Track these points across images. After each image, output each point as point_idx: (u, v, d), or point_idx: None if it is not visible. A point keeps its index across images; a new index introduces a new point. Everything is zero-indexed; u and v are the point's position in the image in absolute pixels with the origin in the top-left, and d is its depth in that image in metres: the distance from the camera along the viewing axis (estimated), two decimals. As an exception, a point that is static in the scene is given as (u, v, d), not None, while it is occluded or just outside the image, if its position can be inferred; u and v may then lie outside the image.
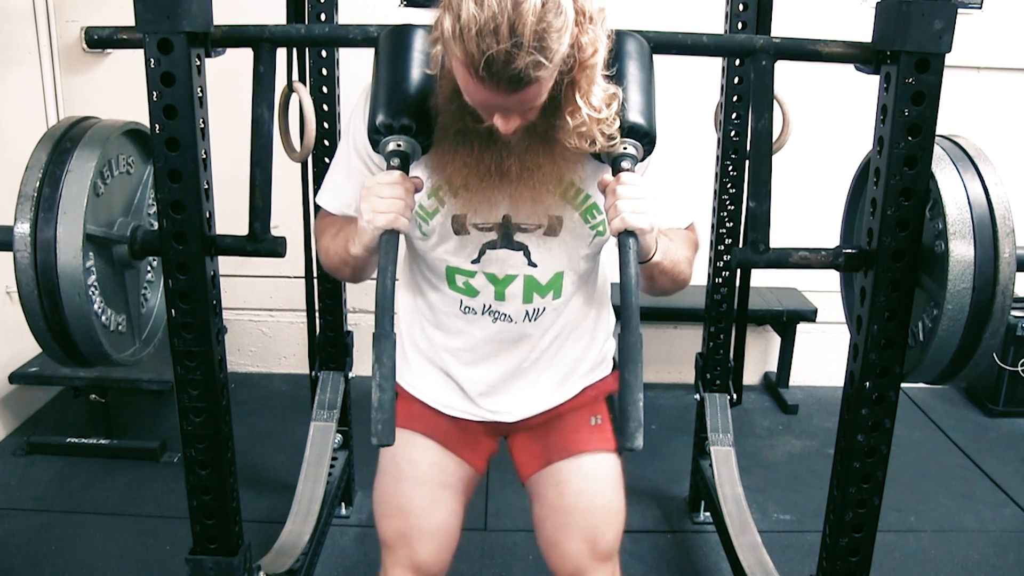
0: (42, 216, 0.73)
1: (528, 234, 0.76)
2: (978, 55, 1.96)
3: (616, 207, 0.66)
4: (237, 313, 2.15)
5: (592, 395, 0.88)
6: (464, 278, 0.79)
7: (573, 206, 0.75)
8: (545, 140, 0.69)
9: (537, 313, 0.80)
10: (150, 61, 0.79)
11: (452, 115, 0.69)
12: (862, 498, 0.90)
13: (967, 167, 0.76)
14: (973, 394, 2.15)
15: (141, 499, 1.58)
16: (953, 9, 0.74)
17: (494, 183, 0.71)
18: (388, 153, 0.70)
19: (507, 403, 0.85)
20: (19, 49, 1.84)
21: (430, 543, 0.85)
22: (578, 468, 0.85)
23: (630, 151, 0.68)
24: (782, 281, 2.15)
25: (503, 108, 0.64)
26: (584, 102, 0.65)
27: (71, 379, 1.70)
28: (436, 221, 0.76)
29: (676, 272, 0.77)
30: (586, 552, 0.84)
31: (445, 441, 0.87)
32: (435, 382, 0.87)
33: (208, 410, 0.91)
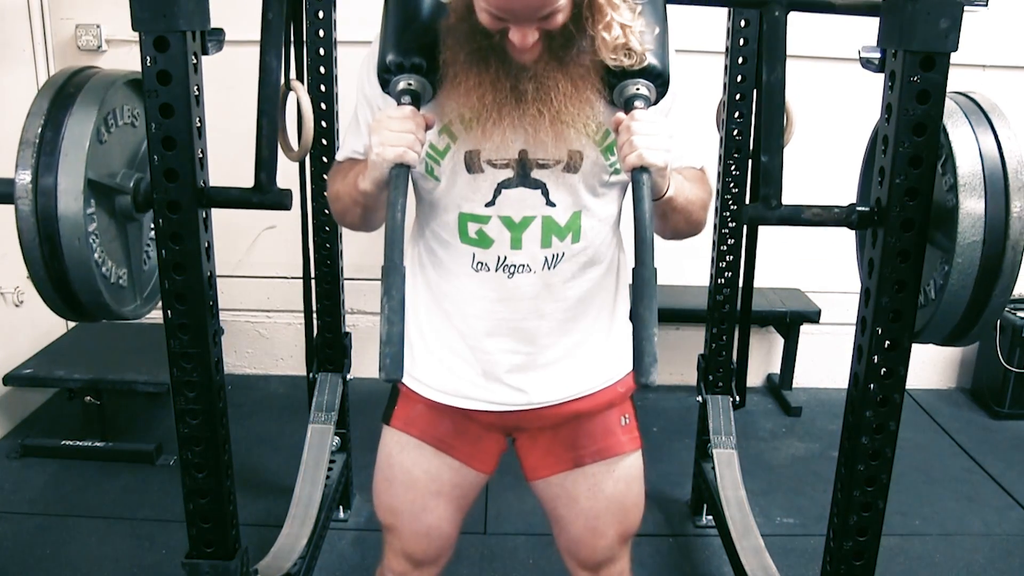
0: (43, 160, 0.72)
1: (546, 170, 0.72)
2: (984, 53, 1.95)
3: (631, 143, 0.65)
4: (234, 314, 2.14)
5: (621, 392, 0.85)
6: (477, 225, 0.74)
7: (593, 141, 0.72)
8: (562, 61, 0.67)
9: (556, 259, 0.75)
10: (146, 59, 0.78)
11: (464, 36, 0.67)
12: (866, 501, 0.89)
13: (980, 121, 0.75)
14: (978, 396, 2.14)
15: (137, 502, 1.57)
16: (959, 8, 0.74)
17: (508, 110, 0.68)
18: (399, 91, 0.68)
19: (529, 380, 0.80)
20: (13, 47, 1.84)
21: (419, 540, 0.87)
22: (612, 471, 0.85)
23: (643, 91, 0.67)
24: (785, 282, 2.14)
25: (519, 15, 0.62)
26: (616, 11, 0.65)
27: (66, 381, 1.70)
28: (447, 161, 0.73)
29: (689, 211, 0.75)
30: (615, 542, 0.87)
31: (444, 445, 0.85)
32: (444, 371, 0.82)
33: (205, 412, 0.90)
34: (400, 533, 0.87)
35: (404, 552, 0.88)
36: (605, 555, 0.88)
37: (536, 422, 0.84)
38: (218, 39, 0.85)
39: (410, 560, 0.88)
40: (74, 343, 1.91)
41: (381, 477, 0.89)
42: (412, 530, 0.86)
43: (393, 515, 0.88)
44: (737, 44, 1.31)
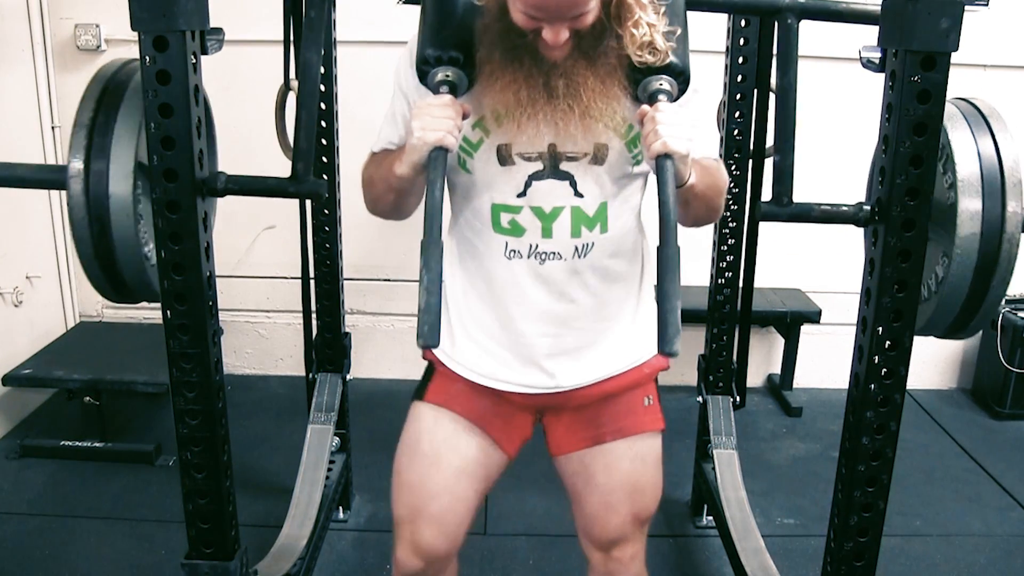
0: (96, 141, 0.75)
1: (574, 163, 0.77)
2: (985, 53, 1.95)
3: (655, 132, 0.69)
4: (233, 314, 2.14)
5: (647, 373, 0.89)
6: (510, 215, 0.79)
7: (618, 135, 0.77)
8: (591, 60, 0.72)
9: (586, 249, 0.80)
10: (145, 59, 0.78)
11: (499, 35, 0.71)
12: (867, 502, 0.89)
13: (980, 124, 0.80)
14: (979, 397, 2.13)
15: (136, 503, 1.57)
16: (960, 8, 0.74)
17: (540, 106, 0.72)
18: (436, 83, 0.73)
19: (565, 363, 0.84)
20: (12, 47, 1.83)
21: (434, 527, 0.87)
22: (630, 449, 0.88)
23: (665, 87, 0.72)
24: (786, 282, 2.14)
25: (553, 14, 0.67)
26: (643, 11, 0.70)
27: (65, 381, 1.69)
28: (482, 153, 0.78)
29: (709, 198, 0.79)
30: (629, 523, 0.89)
31: (479, 422, 0.87)
32: (486, 358, 0.85)
33: (204, 413, 0.90)
34: (413, 518, 0.87)
35: (414, 543, 0.87)
36: (618, 533, 0.89)
37: (565, 402, 0.87)
38: (217, 39, 0.85)
39: (418, 553, 0.87)
40: (73, 343, 1.91)
41: (406, 453, 0.89)
42: (430, 514, 0.86)
43: (413, 494, 0.87)
44: (737, 44, 1.31)
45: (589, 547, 0.93)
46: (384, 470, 1.80)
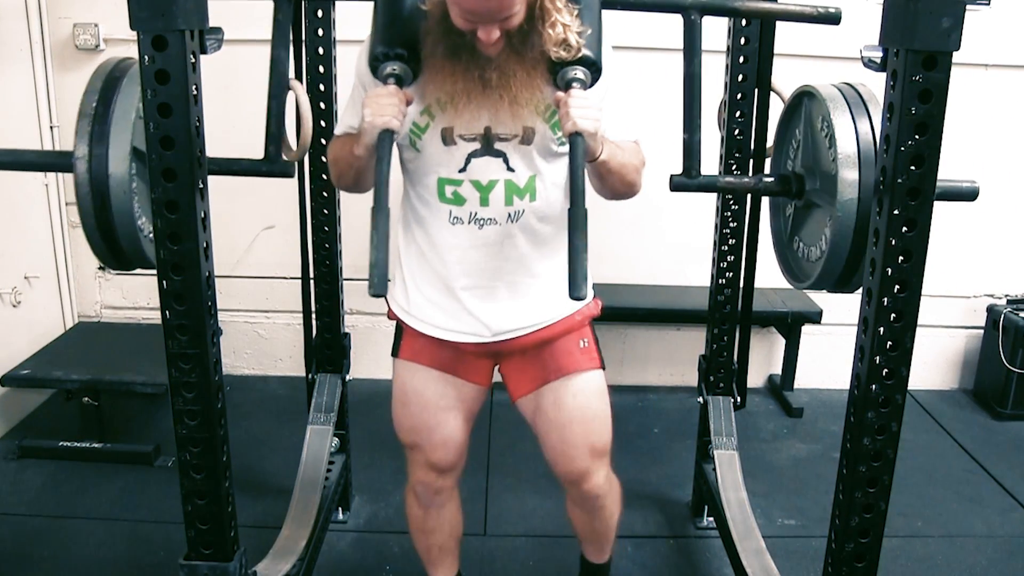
0: (97, 128, 0.87)
1: (506, 143, 0.90)
2: (986, 52, 1.95)
3: (568, 114, 0.81)
4: (232, 315, 2.13)
5: (579, 320, 1.02)
6: (453, 187, 0.92)
7: (543, 119, 0.89)
8: (519, 54, 0.84)
9: (517, 215, 0.93)
10: (144, 59, 0.78)
11: (441, 35, 0.84)
12: (868, 503, 0.88)
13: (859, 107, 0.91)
14: (981, 397, 2.13)
15: (135, 504, 1.57)
16: (961, 7, 0.73)
17: (477, 94, 0.85)
18: (385, 75, 0.85)
19: (501, 314, 0.97)
20: (11, 46, 1.83)
21: (439, 451, 1.05)
22: (571, 386, 1.01)
23: (579, 75, 0.84)
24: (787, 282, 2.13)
25: (485, 17, 0.80)
26: (559, 14, 0.83)
27: (64, 382, 1.69)
28: (428, 135, 0.90)
29: (623, 174, 0.92)
30: (587, 454, 1.03)
31: (447, 368, 1.02)
32: (436, 311, 0.98)
33: (203, 413, 0.90)
34: (423, 448, 1.04)
35: (428, 463, 1.05)
36: (580, 467, 1.03)
37: (511, 349, 1.01)
38: (217, 38, 0.84)
39: (435, 469, 1.06)
40: (72, 344, 1.91)
41: (399, 404, 1.05)
42: (432, 443, 1.04)
43: (415, 433, 1.04)
44: (738, 44, 1.30)
45: (564, 483, 1.08)
46: (384, 471, 1.80)
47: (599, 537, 1.18)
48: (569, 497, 1.12)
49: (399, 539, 1.48)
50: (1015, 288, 2.18)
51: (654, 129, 1.23)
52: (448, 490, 1.10)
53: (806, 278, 1.02)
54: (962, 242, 2.09)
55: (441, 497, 1.10)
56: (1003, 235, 2.14)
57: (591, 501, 1.08)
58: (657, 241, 2.10)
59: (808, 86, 1.01)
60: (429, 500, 1.10)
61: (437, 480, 1.07)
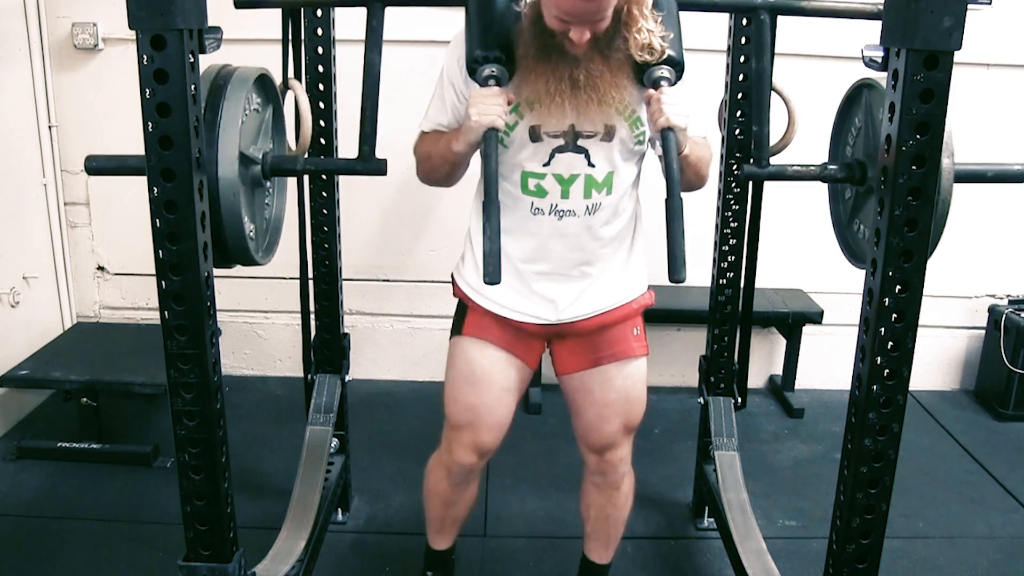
0: (207, 134, 0.89)
1: (589, 140, 0.97)
2: (988, 52, 1.94)
3: (661, 110, 0.89)
4: (231, 315, 2.13)
5: (635, 308, 1.09)
6: (536, 180, 0.99)
7: (623, 117, 0.96)
8: (606, 56, 0.91)
9: (596, 208, 1.00)
10: (143, 58, 0.77)
11: (534, 36, 0.91)
12: (869, 504, 0.88)
13: None
14: (982, 398, 2.13)
15: (133, 504, 1.56)
16: (963, 6, 0.73)
17: (565, 94, 0.92)
18: (484, 77, 0.91)
19: (569, 298, 1.04)
20: (10, 45, 1.83)
21: (491, 432, 1.09)
22: (621, 369, 1.09)
23: (666, 74, 0.91)
24: (788, 282, 2.13)
25: (580, 18, 0.86)
26: (645, 20, 0.89)
27: (62, 382, 1.69)
28: (517, 132, 0.97)
29: (699, 167, 1.00)
30: (620, 430, 1.11)
31: (509, 347, 1.08)
32: (507, 292, 1.04)
33: (202, 414, 0.89)
34: (476, 427, 1.08)
35: (475, 444, 1.09)
36: (610, 440, 1.11)
37: (569, 331, 1.08)
38: (216, 37, 0.84)
39: (478, 451, 1.10)
40: (70, 344, 1.91)
41: (462, 380, 1.09)
42: (487, 423, 1.08)
43: (473, 412, 1.08)
44: (739, 43, 1.30)
45: (586, 451, 1.14)
46: (383, 472, 1.79)
47: (608, 528, 1.20)
48: (587, 478, 1.17)
49: (399, 540, 1.47)
50: (1016, 288, 2.17)
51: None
52: (479, 470, 1.15)
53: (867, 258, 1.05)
54: (963, 242, 2.08)
55: (472, 475, 1.15)
56: (1004, 235, 2.13)
57: (610, 474, 1.13)
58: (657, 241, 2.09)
59: (868, 79, 1.04)
60: (462, 479, 1.14)
61: (477, 462, 1.11)
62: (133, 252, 2.10)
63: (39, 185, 1.96)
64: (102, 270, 2.14)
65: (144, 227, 0.85)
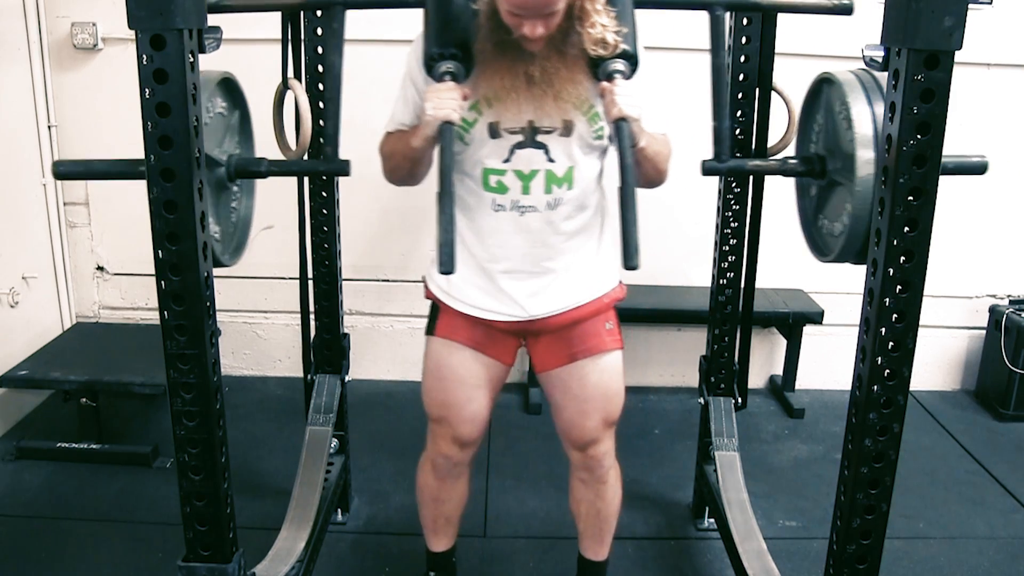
0: None
1: (548, 135, 0.97)
2: (988, 51, 1.94)
3: (613, 101, 0.88)
4: (231, 315, 2.13)
5: (607, 303, 1.09)
6: (497, 177, 0.99)
7: (582, 112, 0.96)
8: (561, 52, 0.91)
9: (556, 203, 1.00)
10: (142, 58, 0.77)
11: (491, 33, 0.91)
12: (870, 504, 0.88)
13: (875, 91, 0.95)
14: (983, 398, 2.13)
15: (133, 505, 1.56)
16: (964, 5, 0.73)
17: (522, 90, 0.93)
18: (440, 73, 0.91)
19: (535, 296, 1.04)
20: (9, 45, 1.83)
21: (466, 425, 1.11)
22: (596, 364, 1.09)
23: (620, 67, 0.91)
24: (788, 282, 2.13)
25: (531, 11, 0.86)
26: (598, 15, 0.89)
27: (61, 382, 1.68)
28: (476, 129, 0.97)
29: (657, 160, 1.00)
30: (600, 425, 1.11)
31: (480, 347, 1.09)
32: (475, 291, 1.05)
33: (201, 414, 0.89)
34: (451, 422, 1.11)
35: (453, 437, 1.12)
36: (592, 435, 1.11)
37: (541, 328, 1.08)
38: (215, 37, 0.84)
39: (458, 443, 1.12)
40: (70, 344, 1.90)
41: (433, 379, 1.11)
42: (461, 418, 1.10)
43: (446, 408, 1.11)
44: (739, 43, 1.30)
45: (569, 448, 1.15)
46: (383, 472, 1.79)
47: (600, 523, 1.20)
48: (574, 475, 1.17)
49: (399, 541, 1.47)
50: (1017, 288, 2.17)
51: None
52: (465, 464, 1.16)
53: (830, 252, 1.06)
54: (964, 242, 2.08)
55: (458, 469, 1.16)
56: (1005, 235, 2.13)
57: (596, 470, 1.14)
58: (658, 241, 2.09)
59: (827, 73, 1.03)
60: (447, 472, 1.16)
61: (459, 454, 1.13)
62: (133, 252, 2.10)
63: (38, 185, 1.96)
64: (102, 270, 2.14)
65: (144, 227, 0.85)
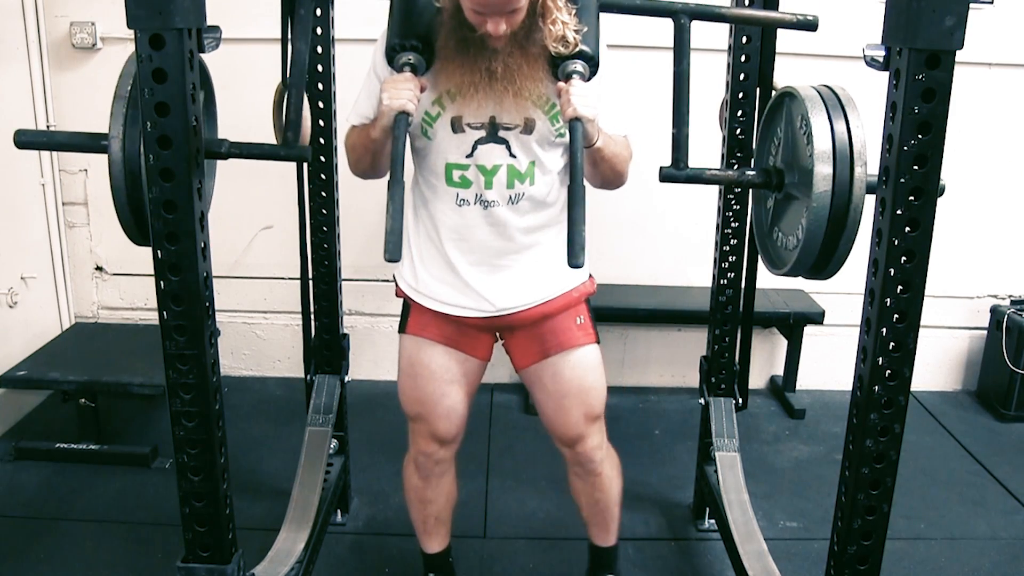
0: (131, 112, 0.89)
1: (509, 131, 0.98)
2: (989, 51, 1.94)
3: (569, 101, 0.89)
4: (230, 315, 2.13)
5: (576, 297, 1.09)
6: (460, 172, 1.00)
7: (543, 111, 0.97)
8: (523, 49, 0.92)
9: (518, 198, 1.01)
10: (141, 57, 0.77)
11: (454, 29, 0.91)
12: (871, 505, 0.88)
13: (836, 107, 0.96)
14: (984, 398, 2.12)
15: (132, 506, 1.56)
16: (965, 5, 0.73)
17: (484, 85, 0.93)
18: (400, 64, 0.92)
19: (501, 290, 1.04)
20: (8, 44, 1.83)
21: (442, 422, 1.12)
22: (569, 359, 1.09)
23: (578, 68, 0.92)
24: (789, 283, 2.12)
25: (493, 9, 0.87)
26: (559, 12, 0.90)
27: (60, 383, 1.68)
28: (439, 124, 0.98)
29: (614, 163, 1.00)
30: (582, 421, 1.11)
31: (451, 342, 1.09)
32: (442, 287, 1.06)
33: (201, 415, 0.89)
34: (427, 418, 1.11)
35: (431, 434, 1.12)
36: (575, 431, 1.11)
37: (511, 323, 1.08)
38: (215, 37, 0.84)
39: (436, 439, 1.12)
40: (69, 345, 1.90)
41: (405, 376, 1.12)
42: (436, 414, 1.11)
43: (420, 405, 1.11)
44: (740, 42, 1.30)
45: (559, 445, 1.15)
46: (383, 473, 1.79)
47: (602, 511, 1.21)
48: (569, 469, 1.18)
49: (398, 541, 1.47)
50: (1019, 288, 2.17)
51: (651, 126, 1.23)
52: (447, 461, 1.16)
53: (783, 264, 1.07)
54: (965, 242, 2.08)
55: (441, 467, 1.16)
56: (1007, 235, 2.13)
57: (587, 464, 1.14)
58: (658, 241, 2.09)
59: (789, 87, 1.04)
60: (429, 470, 1.16)
61: (439, 451, 1.13)
62: (132, 252, 2.08)
63: (37, 185, 1.95)
64: (100, 270, 2.13)
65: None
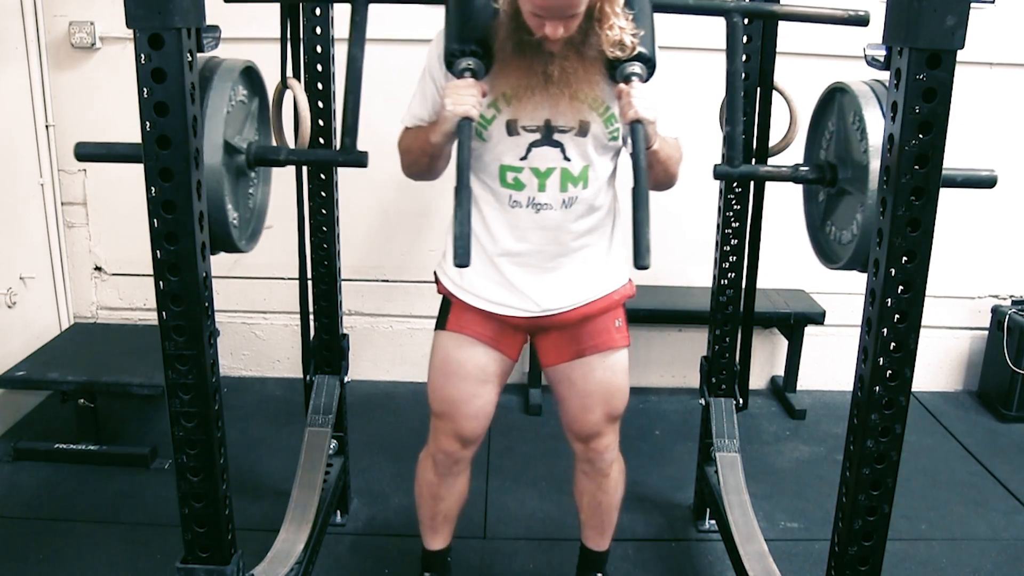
0: None
1: (564, 134, 0.99)
2: (991, 51, 1.94)
3: (630, 103, 0.91)
4: (230, 315, 2.12)
5: (616, 300, 1.11)
6: (513, 174, 1.01)
7: (598, 113, 0.98)
8: (579, 53, 0.94)
9: (571, 201, 1.02)
10: (140, 57, 0.77)
11: (511, 32, 0.93)
12: (872, 505, 0.88)
13: None
14: (985, 399, 2.12)
15: (131, 506, 1.56)
16: (966, 5, 0.73)
17: (540, 88, 0.94)
18: (460, 69, 0.93)
19: (548, 291, 1.06)
20: (7, 44, 1.82)
21: (470, 422, 1.12)
22: (603, 360, 1.11)
23: (637, 70, 0.93)
24: (790, 283, 2.12)
25: (553, 12, 0.88)
26: (616, 18, 0.92)
27: (59, 383, 1.68)
28: (494, 126, 0.99)
29: (668, 164, 1.02)
30: (603, 419, 1.13)
31: (491, 342, 1.10)
32: (489, 285, 1.07)
33: (200, 415, 0.89)
34: (453, 417, 1.11)
35: (455, 433, 1.12)
36: (594, 429, 1.13)
37: (551, 324, 1.09)
38: (214, 36, 0.84)
39: (459, 439, 1.13)
40: (68, 345, 1.90)
41: (438, 373, 1.12)
42: (464, 413, 1.11)
43: (449, 404, 1.11)
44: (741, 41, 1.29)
45: (573, 440, 1.17)
46: (383, 473, 1.79)
47: (602, 514, 1.22)
48: (577, 467, 1.19)
49: (398, 542, 1.47)
50: (1020, 289, 2.17)
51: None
52: (465, 461, 1.16)
53: (838, 259, 1.07)
54: (966, 242, 2.08)
55: (459, 467, 1.16)
56: (1008, 235, 2.13)
57: (597, 462, 1.16)
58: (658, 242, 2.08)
59: (840, 82, 1.04)
60: (447, 469, 1.16)
61: (460, 450, 1.14)
62: (131, 252, 2.09)
63: (36, 185, 1.95)
64: (99, 270, 2.13)
65: (142, 227, 0.84)
